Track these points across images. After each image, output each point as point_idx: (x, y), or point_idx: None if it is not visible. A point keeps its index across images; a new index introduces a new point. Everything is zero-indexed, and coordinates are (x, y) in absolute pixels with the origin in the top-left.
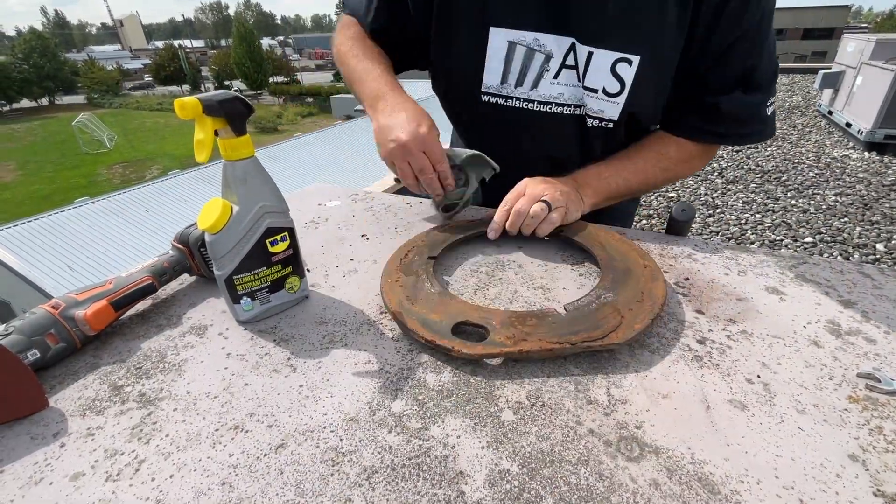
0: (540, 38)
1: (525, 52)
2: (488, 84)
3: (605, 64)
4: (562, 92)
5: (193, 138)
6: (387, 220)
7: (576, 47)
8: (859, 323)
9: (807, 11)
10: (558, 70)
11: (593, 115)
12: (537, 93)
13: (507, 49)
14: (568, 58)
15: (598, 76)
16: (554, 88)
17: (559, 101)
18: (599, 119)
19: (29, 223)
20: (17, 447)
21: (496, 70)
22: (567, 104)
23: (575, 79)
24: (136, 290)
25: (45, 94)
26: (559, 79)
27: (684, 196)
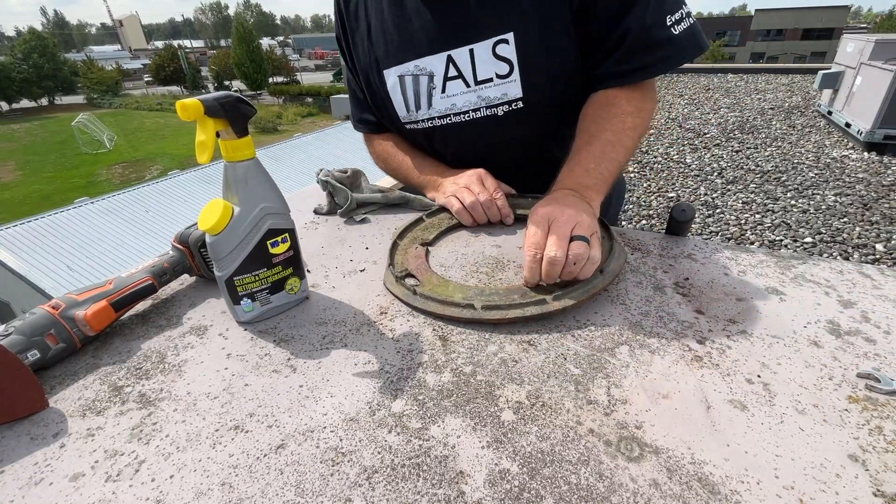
0: (419, 63)
1: (412, 80)
2: (401, 115)
3: (486, 53)
4: (454, 102)
5: (194, 139)
6: (386, 220)
7: (453, 57)
8: (859, 323)
9: (806, 12)
10: (443, 84)
11: (498, 101)
12: (435, 110)
13: (399, 83)
14: (449, 69)
15: (486, 66)
16: (445, 101)
17: (454, 111)
18: (507, 103)
19: (29, 223)
20: (16, 448)
21: (400, 103)
22: (462, 111)
23: (462, 86)
24: (137, 290)
25: (44, 95)
26: (447, 91)
27: (684, 196)
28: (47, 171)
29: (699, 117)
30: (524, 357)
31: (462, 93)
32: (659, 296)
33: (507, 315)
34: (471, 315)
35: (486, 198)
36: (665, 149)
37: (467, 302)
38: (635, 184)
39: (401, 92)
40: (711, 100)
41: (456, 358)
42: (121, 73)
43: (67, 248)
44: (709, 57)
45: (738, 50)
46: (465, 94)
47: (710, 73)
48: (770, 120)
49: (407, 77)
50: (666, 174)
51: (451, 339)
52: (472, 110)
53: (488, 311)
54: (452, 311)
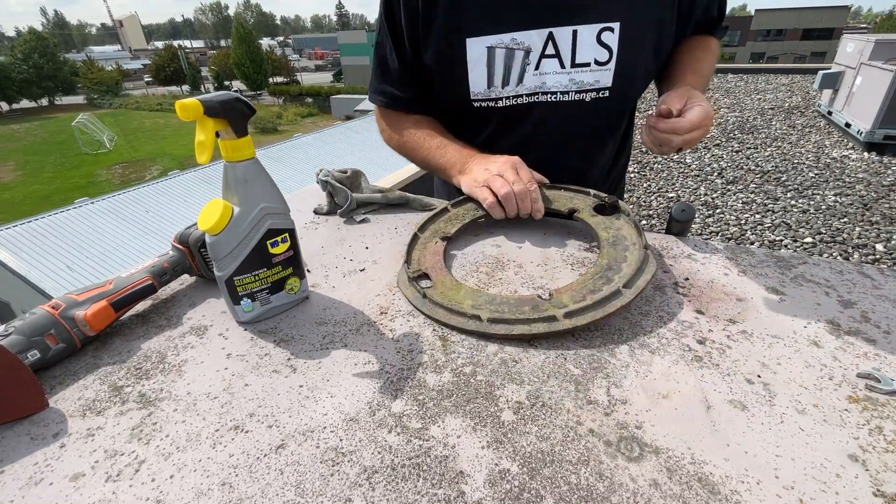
0: (517, 37)
1: (505, 53)
2: (476, 92)
3: (591, 36)
4: (544, 81)
5: (194, 139)
6: (386, 220)
7: (554, 35)
8: (859, 323)
9: (806, 12)
10: (538, 61)
11: (589, 87)
12: (523, 87)
13: (487, 55)
14: (547, 47)
15: (587, 50)
16: (536, 79)
17: (543, 90)
18: (596, 90)
19: (29, 223)
20: (16, 448)
21: (480, 76)
22: (551, 91)
23: (557, 66)
24: (137, 290)
25: (44, 95)
26: (540, 69)
27: (684, 196)
28: (47, 171)
29: None
30: (524, 357)
31: (555, 73)
32: (659, 296)
33: (511, 331)
34: (475, 327)
35: (521, 188)
36: None
37: (474, 312)
38: (635, 184)
39: (486, 64)
40: (711, 100)
41: (456, 358)
42: (121, 74)
43: (67, 249)
44: None
45: (738, 50)
46: (558, 75)
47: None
48: (770, 120)
49: (498, 49)
50: (666, 174)
51: (451, 339)
52: (562, 92)
53: (494, 324)
54: (458, 320)
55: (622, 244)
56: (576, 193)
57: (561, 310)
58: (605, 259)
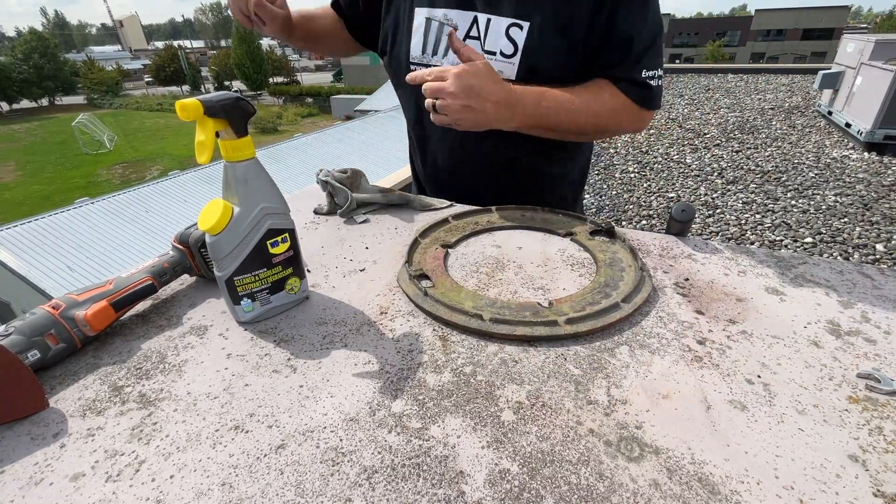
0: (448, 13)
1: (437, 26)
2: (413, 55)
3: (500, 28)
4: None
5: (194, 139)
6: (386, 220)
7: (478, 20)
8: (859, 323)
9: (807, 12)
10: (463, 40)
11: None
12: (447, 60)
13: (425, 24)
14: (471, 30)
15: (496, 39)
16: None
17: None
18: None
19: (29, 224)
20: (17, 448)
21: (419, 42)
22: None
23: (478, 48)
24: (137, 290)
25: (45, 95)
26: None
27: (684, 196)
28: (48, 171)
29: (699, 117)
30: (524, 357)
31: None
32: (659, 296)
33: (514, 331)
34: (477, 326)
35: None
36: (665, 149)
37: (476, 312)
38: (635, 184)
39: (423, 33)
40: (711, 100)
41: (456, 358)
42: (121, 74)
43: (68, 249)
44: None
45: (738, 50)
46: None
47: (711, 73)
48: (770, 120)
49: (434, 21)
50: (666, 174)
51: (451, 339)
52: None
53: (496, 324)
54: (460, 318)
55: (618, 265)
56: (573, 219)
57: (562, 317)
58: (603, 277)
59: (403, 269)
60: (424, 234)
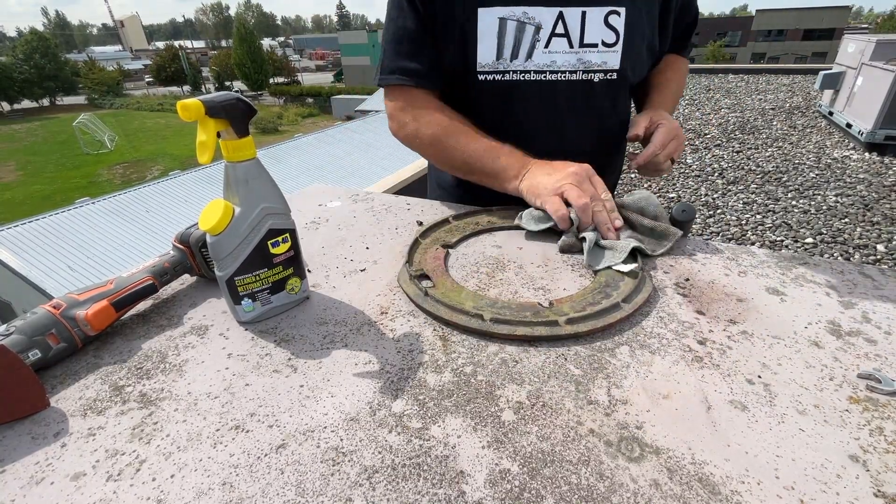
0: (528, 11)
1: (516, 26)
2: (483, 62)
3: (598, 18)
4: (554, 59)
5: (195, 139)
6: (387, 220)
7: (564, 15)
8: (860, 324)
9: (807, 12)
10: (548, 39)
11: (597, 68)
12: (532, 63)
13: (499, 25)
14: (557, 26)
15: (595, 31)
16: (546, 57)
17: (552, 69)
18: (604, 72)
19: (30, 223)
20: (18, 447)
21: (490, 47)
22: (561, 70)
23: (566, 45)
24: (137, 290)
25: (45, 95)
26: (550, 47)
27: (685, 196)
28: (48, 171)
29: (700, 118)
30: (524, 357)
31: (565, 52)
32: (660, 296)
33: (515, 331)
34: (478, 325)
35: (595, 201)
36: None
37: (477, 312)
38: (636, 184)
39: (497, 35)
40: (712, 100)
41: (456, 358)
42: (122, 74)
43: (68, 248)
44: (710, 57)
45: (738, 50)
46: (567, 55)
47: (711, 73)
48: (771, 120)
49: (510, 21)
50: (666, 174)
51: (451, 339)
52: (570, 71)
53: (497, 324)
54: (460, 318)
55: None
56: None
57: (562, 317)
58: (603, 277)
59: (404, 269)
60: (425, 234)
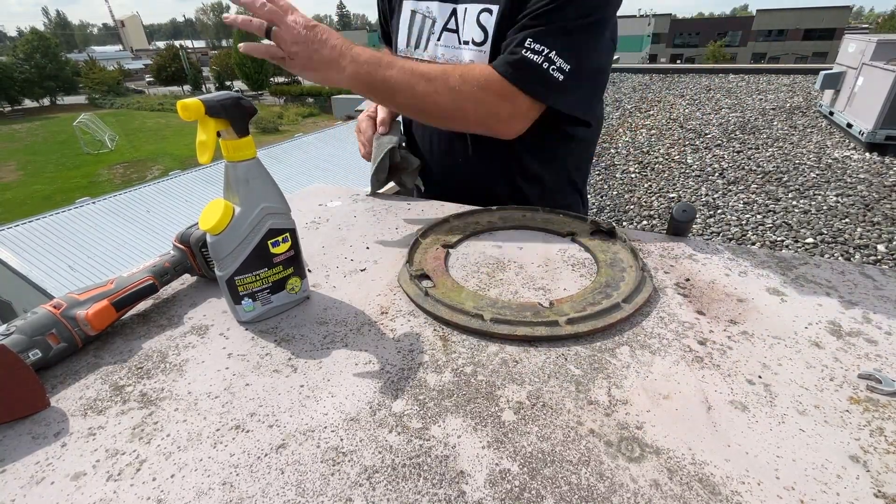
0: (430, 6)
1: (420, 19)
2: (400, 47)
3: (472, 16)
4: (443, 52)
5: (195, 139)
6: (388, 220)
7: (456, 11)
8: (860, 324)
9: (808, 12)
10: (440, 33)
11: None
12: (426, 52)
13: (410, 17)
14: (449, 22)
15: (469, 28)
16: (437, 49)
17: (441, 61)
18: None
19: (30, 223)
20: (18, 447)
21: (404, 35)
22: (440, 63)
23: (455, 41)
24: (138, 290)
25: (46, 95)
26: (441, 40)
27: (685, 196)
28: (49, 171)
29: (700, 118)
30: (525, 357)
31: (452, 47)
32: (660, 296)
33: (515, 331)
34: (478, 325)
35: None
36: (666, 149)
37: (477, 312)
38: (636, 184)
39: (408, 26)
40: (713, 100)
41: (456, 358)
42: (122, 74)
43: (69, 248)
44: (710, 57)
45: (739, 50)
46: (454, 49)
47: (712, 73)
48: (771, 120)
49: (417, 14)
50: (667, 174)
51: (451, 339)
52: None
53: (497, 324)
54: (461, 318)
55: (619, 266)
56: (574, 219)
57: (563, 317)
58: (603, 277)
59: (404, 269)
60: (425, 234)
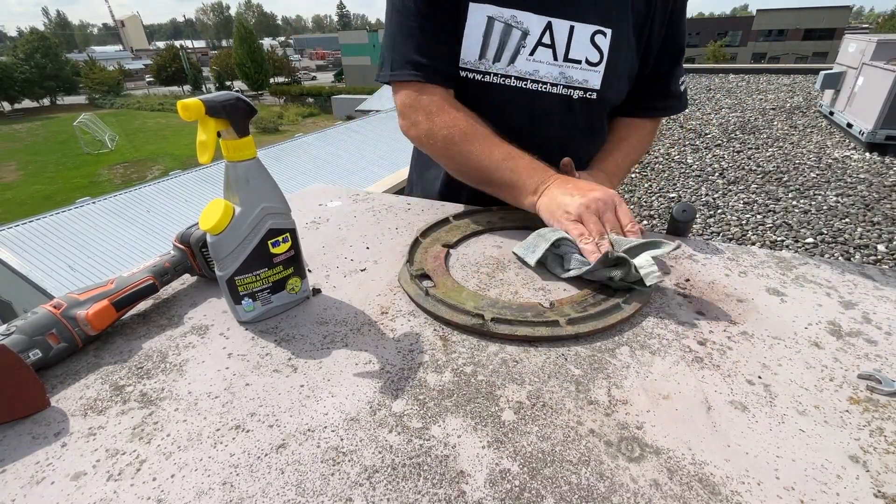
0: (518, 15)
1: (503, 28)
2: (466, 59)
3: (585, 36)
4: (537, 69)
5: (195, 139)
6: (388, 220)
7: (552, 25)
8: (860, 324)
9: (808, 12)
10: (534, 47)
11: (578, 85)
12: (514, 68)
13: (486, 24)
14: (544, 36)
15: (581, 48)
16: (530, 65)
17: (534, 78)
18: (584, 90)
19: (30, 223)
20: (18, 447)
21: (474, 45)
22: (543, 81)
23: (551, 56)
24: (138, 290)
25: (46, 95)
26: (535, 55)
27: (685, 196)
28: (49, 171)
29: (700, 118)
30: (525, 357)
31: (549, 63)
32: (660, 296)
33: (516, 332)
34: (479, 325)
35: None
36: (666, 149)
37: (478, 312)
38: (636, 184)
39: (483, 34)
40: (713, 100)
41: (457, 358)
42: (122, 74)
43: (69, 248)
44: (710, 57)
45: (739, 50)
46: (551, 66)
47: (712, 73)
48: (771, 120)
49: (498, 22)
50: (667, 174)
51: (451, 339)
52: (552, 84)
53: (498, 324)
54: (461, 318)
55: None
56: None
57: (563, 317)
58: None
59: (404, 268)
60: (425, 233)
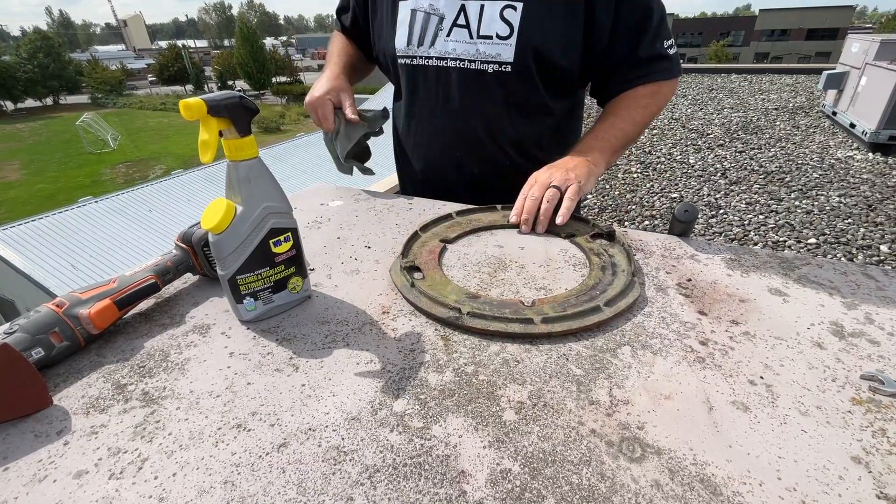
0: (434, 3)
1: (423, 17)
2: (398, 48)
3: (494, 12)
4: (454, 48)
5: (197, 138)
6: (389, 219)
7: (466, 8)
8: (863, 325)
9: (811, 12)
10: (450, 28)
11: (490, 59)
12: (434, 49)
13: (410, 16)
14: (459, 18)
15: (491, 24)
16: (448, 45)
17: (453, 56)
18: (498, 63)
19: (33, 222)
20: (21, 445)
21: (403, 35)
22: (460, 58)
23: (466, 36)
24: (140, 289)
25: (49, 94)
26: (451, 36)
27: (687, 197)
28: (52, 170)
29: (703, 117)
30: (526, 357)
31: (465, 41)
32: (661, 296)
33: (489, 327)
34: (455, 318)
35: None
36: (668, 149)
37: (456, 305)
38: (638, 184)
39: (409, 25)
40: (715, 100)
41: (458, 358)
42: (125, 74)
43: (71, 247)
44: (713, 57)
45: (742, 50)
46: (466, 44)
47: (714, 73)
48: (774, 120)
49: (419, 12)
50: (669, 174)
51: (452, 338)
52: (469, 60)
53: (473, 318)
54: (440, 310)
55: (612, 269)
56: (575, 220)
57: (539, 315)
58: (592, 280)
59: (397, 260)
60: (425, 228)
